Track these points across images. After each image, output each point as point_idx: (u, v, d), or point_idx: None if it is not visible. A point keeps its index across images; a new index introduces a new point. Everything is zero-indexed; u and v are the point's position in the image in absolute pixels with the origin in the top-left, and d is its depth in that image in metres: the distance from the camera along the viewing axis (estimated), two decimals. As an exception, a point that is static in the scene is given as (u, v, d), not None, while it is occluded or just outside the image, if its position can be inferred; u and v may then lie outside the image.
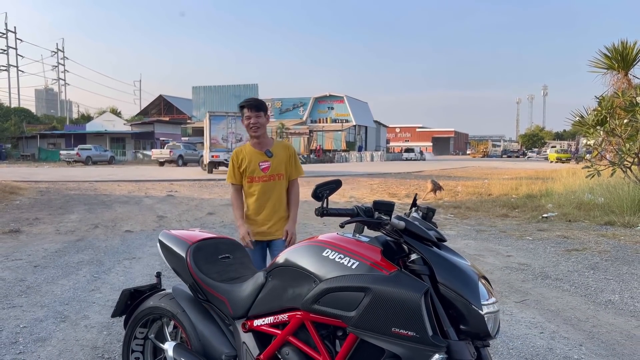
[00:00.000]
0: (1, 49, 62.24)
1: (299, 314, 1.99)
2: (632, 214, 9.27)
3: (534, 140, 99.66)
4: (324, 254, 1.94)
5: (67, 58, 68.26)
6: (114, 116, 55.58)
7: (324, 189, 2.06)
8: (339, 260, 1.89)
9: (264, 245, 3.45)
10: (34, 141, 49.09)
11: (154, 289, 2.75)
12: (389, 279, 1.76)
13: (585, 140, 11.62)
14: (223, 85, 61.33)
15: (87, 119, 62.06)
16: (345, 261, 1.87)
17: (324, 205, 2.02)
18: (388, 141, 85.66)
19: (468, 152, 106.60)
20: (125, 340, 2.71)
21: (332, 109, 60.85)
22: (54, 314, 4.29)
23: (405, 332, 1.69)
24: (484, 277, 1.85)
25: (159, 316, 2.63)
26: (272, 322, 2.12)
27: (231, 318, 2.31)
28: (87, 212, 10.74)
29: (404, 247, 1.92)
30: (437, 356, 1.66)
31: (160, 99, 67.74)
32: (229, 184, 3.50)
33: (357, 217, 1.96)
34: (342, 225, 1.97)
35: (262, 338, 2.19)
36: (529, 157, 76.07)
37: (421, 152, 64.79)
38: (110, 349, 3.57)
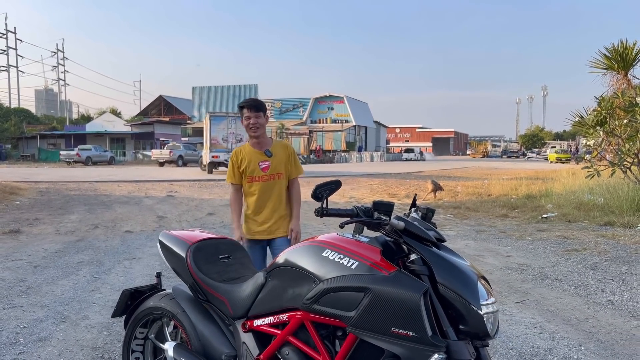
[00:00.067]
0: (1, 50, 62.33)
1: (299, 314, 1.99)
2: (632, 214, 9.27)
3: (533, 141, 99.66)
4: (323, 254, 1.95)
5: (67, 58, 68.39)
6: (113, 116, 55.58)
7: (324, 190, 2.06)
8: (338, 260, 1.89)
9: (264, 244, 3.47)
10: (34, 141, 49.10)
11: (154, 289, 2.75)
12: (388, 279, 1.76)
13: (585, 141, 11.63)
14: (223, 85, 61.30)
15: (87, 119, 62.10)
16: (345, 261, 1.88)
17: (324, 206, 2.03)
18: (388, 141, 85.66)
19: (468, 152, 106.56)
20: (126, 340, 2.72)
21: (332, 109, 60.84)
22: (54, 314, 4.29)
23: (405, 332, 1.70)
24: (483, 277, 1.85)
25: (159, 316, 2.63)
26: (272, 322, 2.12)
27: (231, 318, 2.31)
28: (87, 212, 10.74)
29: (403, 248, 1.93)
30: (436, 356, 1.66)
31: (160, 99, 67.74)
32: (228, 184, 3.53)
33: (356, 218, 1.97)
34: (342, 226, 1.98)
35: (262, 338, 2.20)
36: (528, 157, 75.98)
37: (421, 153, 64.80)
38: (111, 349, 3.58)
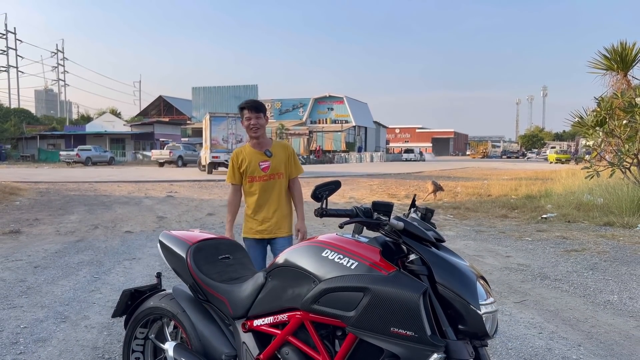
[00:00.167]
0: (1, 50, 62.34)
1: (299, 314, 2.00)
2: (631, 214, 9.29)
3: (533, 141, 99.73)
4: (323, 254, 1.96)
5: (66, 59, 68.43)
6: (113, 117, 55.59)
7: (323, 190, 2.07)
8: (338, 260, 1.90)
9: (265, 243, 3.52)
10: (34, 142, 49.10)
11: (154, 289, 2.76)
12: (387, 279, 1.77)
13: (585, 141, 11.64)
14: (223, 86, 61.34)
15: (87, 119, 62.11)
16: (345, 261, 1.88)
17: (323, 206, 2.04)
18: (388, 142, 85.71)
19: (468, 152, 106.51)
20: (126, 340, 2.73)
21: (332, 109, 60.85)
22: (55, 314, 4.30)
23: (404, 332, 1.70)
24: (482, 277, 1.86)
25: (159, 316, 2.64)
26: (271, 322, 2.13)
27: (231, 318, 2.32)
28: (87, 212, 10.74)
29: (402, 248, 1.93)
30: (435, 356, 1.67)
31: (160, 99, 67.74)
32: (228, 184, 3.56)
33: (356, 218, 1.98)
34: (342, 226, 1.98)
35: (261, 338, 2.20)
36: (528, 157, 75.99)
37: (421, 153, 64.81)
38: (111, 349, 3.58)
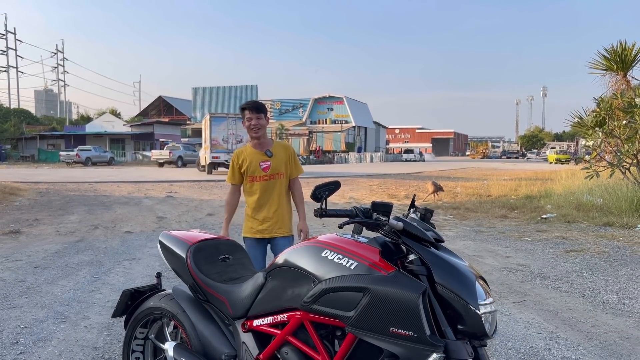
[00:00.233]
0: (1, 50, 62.35)
1: (298, 314, 2.00)
2: (631, 215, 9.29)
3: (533, 142, 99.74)
4: (322, 254, 1.96)
5: (66, 59, 68.45)
6: (113, 117, 55.61)
7: (323, 190, 2.08)
8: (337, 260, 1.91)
9: (265, 243, 3.55)
10: (34, 142, 49.10)
11: (154, 289, 2.76)
12: (387, 279, 1.77)
13: (585, 142, 11.67)
14: (223, 86, 61.33)
15: (87, 120, 62.13)
16: (344, 262, 1.89)
17: (323, 207, 2.05)
18: (387, 142, 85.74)
19: (467, 153, 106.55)
20: (126, 340, 2.73)
21: (332, 110, 60.87)
22: (55, 314, 4.30)
23: (403, 332, 1.71)
24: (481, 278, 1.87)
25: (159, 316, 2.64)
26: (271, 322, 2.14)
27: (231, 318, 2.33)
28: (87, 213, 10.75)
29: (402, 248, 1.94)
30: (434, 355, 1.67)
31: (160, 100, 67.72)
32: (228, 184, 3.61)
33: (355, 218, 1.98)
34: (341, 226, 1.99)
35: (261, 338, 2.21)
36: (528, 158, 76.01)
37: (420, 153, 64.84)
38: (111, 349, 3.59)
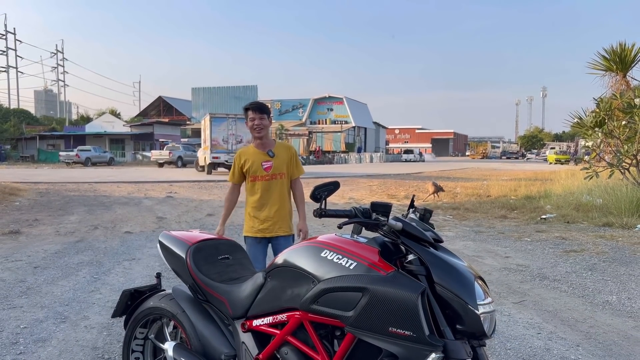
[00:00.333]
0: (1, 50, 62.35)
1: (298, 314, 2.01)
2: (630, 215, 9.30)
3: (533, 142, 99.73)
4: (322, 254, 1.97)
5: (66, 59, 68.52)
6: (113, 117, 55.64)
7: (322, 191, 2.09)
8: (337, 260, 1.91)
9: (266, 242, 3.59)
10: (34, 142, 49.09)
11: (154, 289, 2.77)
12: (386, 279, 1.78)
13: (584, 142, 11.69)
14: (222, 86, 61.34)
15: (87, 120, 62.16)
16: (343, 262, 1.89)
17: (322, 207, 2.05)
18: (387, 142, 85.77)
19: (467, 153, 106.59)
20: (126, 340, 2.74)
21: (332, 110, 60.90)
22: (54, 314, 4.30)
23: (402, 332, 1.71)
24: (480, 278, 1.87)
25: (159, 316, 2.65)
26: (271, 322, 2.14)
27: (230, 318, 2.33)
28: (86, 213, 10.75)
29: (401, 248, 1.94)
30: (433, 355, 1.68)
31: (160, 100, 67.71)
32: (229, 182, 3.67)
33: (354, 219, 1.99)
34: (340, 226, 2.00)
35: (261, 338, 2.21)
36: (528, 158, 75.95)
37: (420, 154, 64.90)
38: (111, 349, 3.59)
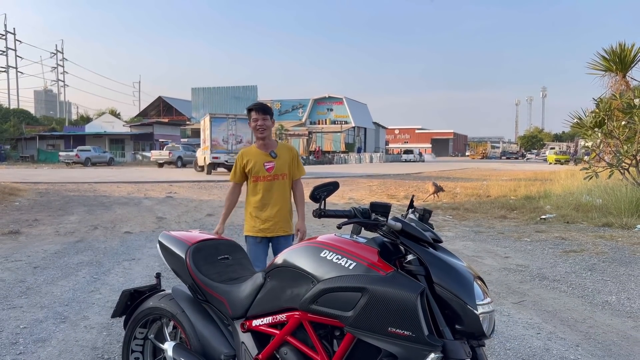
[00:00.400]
0: (0, 50, 62.34)
1: (297, 314, 2.01)
2: (630, 215, 9.30)
3: (532, 142, 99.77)
4: (321, 254, 1.97)
5: (66, 59, 68.51)
6: (113, 117, 55.66)
7: (322, 191, 2.09)
8: (336, 260, 1.91)
9: (266, 242, 3.61)
10: (33, 142, 49.09)
11: (153, 289, 2.77)
12: (385, 280, 1.78)
13: (584, 142, 11.69)
14: (222, 86, 61.37)
15: (87, 120, 62.19)
16: (343, 262, 1.90)
17: (322, 207, 2.06)
18: (387, 142, 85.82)
19: (467, 153, 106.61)
20: (125, 340, 2.74)
21: (331, 110, 60.93)
22: (54, 314, 4.31)
23: (402, 332, 1.72)
24: (479, 278, 1.87)
25: (158, 316, 2.65)
26: (270, 322, 2.14)
27: (230, 318, 2.33)
28: (86, 213, 10.75)
29: (400, 248, 1.95)
30: (432, 355, 1.68)
31: (160, 100, 67.70)
32: (231, 182, 3.69)
33: (354, 219, 1.99)
34: (340, 227, 2.00)
35: (260, 338, 2.21)
36: (527, 158, 75.97)
37: (420, 154, 64.93)
38: (110, 349, 3.59)
